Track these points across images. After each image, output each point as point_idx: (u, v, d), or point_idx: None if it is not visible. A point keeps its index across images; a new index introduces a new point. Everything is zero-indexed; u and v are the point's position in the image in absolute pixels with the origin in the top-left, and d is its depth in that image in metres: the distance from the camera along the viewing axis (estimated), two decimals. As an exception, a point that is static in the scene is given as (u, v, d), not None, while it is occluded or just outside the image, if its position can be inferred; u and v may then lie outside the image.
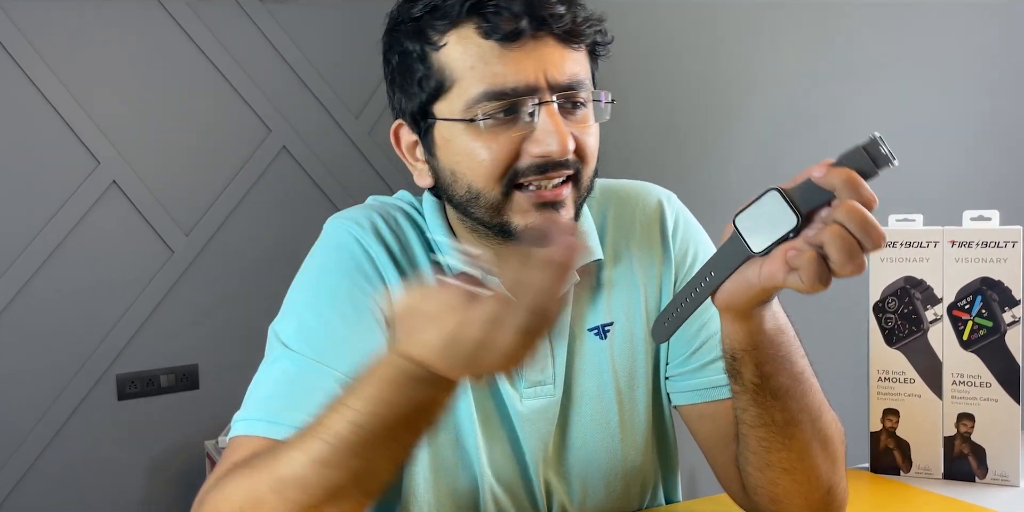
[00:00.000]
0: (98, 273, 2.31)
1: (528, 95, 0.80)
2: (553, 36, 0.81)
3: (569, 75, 0.82)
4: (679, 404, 0.98)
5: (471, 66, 0.81)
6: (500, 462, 0.92)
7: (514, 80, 0.80)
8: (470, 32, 0.81)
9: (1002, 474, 1.10)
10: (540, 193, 0.83)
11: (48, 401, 2.27)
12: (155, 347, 2.39)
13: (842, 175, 0.62)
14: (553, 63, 0.81)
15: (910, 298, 1.13)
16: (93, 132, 2.29)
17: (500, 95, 0.80)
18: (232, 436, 0.82)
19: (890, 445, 1.15)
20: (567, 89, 0.82)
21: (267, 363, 0.86)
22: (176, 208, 2.41)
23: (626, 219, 0.99)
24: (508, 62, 0.80)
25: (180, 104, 2.40)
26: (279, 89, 2.52)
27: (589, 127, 0.85)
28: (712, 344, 0.96)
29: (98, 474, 2.34)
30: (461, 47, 0.81)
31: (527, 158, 0.81)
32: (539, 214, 0.83)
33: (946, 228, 1.12)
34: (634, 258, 0.98)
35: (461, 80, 0.81)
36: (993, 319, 1.09)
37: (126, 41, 2.33)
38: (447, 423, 0.90)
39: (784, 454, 0.81)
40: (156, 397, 2.41)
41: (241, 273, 2.49)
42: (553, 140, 0.80)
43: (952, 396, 1.12)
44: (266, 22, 2.49)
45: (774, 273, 0.66)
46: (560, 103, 0.82)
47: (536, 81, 0.80)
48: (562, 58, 0.81)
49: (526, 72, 0.80)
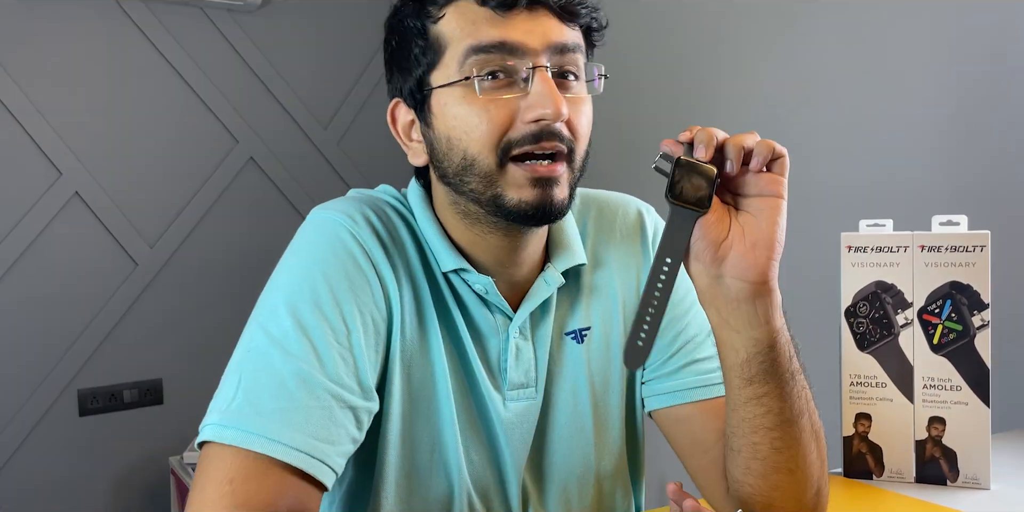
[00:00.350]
0: (59, 286, 2.27)
1: (519, 55, 0.80)
2: (549, 9, 0.82)
3: (563, 39, 0.82)
4: (655, 408, 0.98)
5: (462, 28, 0.82)
6: (479, 467, 0.91)
7: (501, 35, 0.80)
8: (467, 3, 0.82)
9: (973, 477, 1.11)
10: (535, 167, 0.82)
11: (7, 417, 2.21)
12: (118, 361, 2.35)
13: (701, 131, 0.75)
14: (548, 28, 0.82)
15: (881, 303, 1.14)
16: (55, 142, 2.25)
17: (488, 48, 0.80)
18: (214, 440, 0.75)
19: (863, 449, 1.15)
20: (562, 51, 0.82)
21: (257, 362, 0.78)
22: (140, 220, 2.37)
23: (606, 226, 1.00)
24: (498, 23, 0.81)
25: (145, 114, 2.37)
26: (246, 99, 2.50)
27: (581, 104, 0.85)
28: (689, 349, 0.96)
29: (60, 492, 2.28)
30: (457, 15, 0.82)
31: (521, 126, 0.81)
32: (533, 190, 0.82)
33: (916, 233, 1.13)
34: (613, 264, 0.98)
35: (453, 42, 0.82)
36: (963, 323, 1.10)
37: (90, 51, 2.30)
38: (426, 427, 0.89)
39: (792, 452, 0.81)
40: (119, 412, 2.36)
41: (206, 286, 2.46)
42: (548, 102, 0.79)
43: (923, 400, 1.13)
44: (233, 32, 2.48)
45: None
46: (555, 71, 0.82)
47: (527, 41, 0.81)
48: (558, 28, 0.82)
49: (516, 32, 0.81)
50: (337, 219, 0.86)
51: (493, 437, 0.92)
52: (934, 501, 1.07)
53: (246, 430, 0.75)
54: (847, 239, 1.15)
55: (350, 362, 0.80)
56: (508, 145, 0.82)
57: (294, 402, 0.76)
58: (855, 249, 1.15)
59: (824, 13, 1.69)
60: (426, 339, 0.88)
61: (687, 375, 0.95)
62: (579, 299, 0.96)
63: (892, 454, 1.14)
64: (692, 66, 1.98)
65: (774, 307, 0.79)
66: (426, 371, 0.88)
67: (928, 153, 1.54)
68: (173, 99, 2.41)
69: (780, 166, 0.77)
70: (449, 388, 0.88)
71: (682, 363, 0.95)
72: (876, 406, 1.15)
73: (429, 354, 0.88)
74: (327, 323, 0.80)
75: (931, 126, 1.54)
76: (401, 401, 0.87)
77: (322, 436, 0.76)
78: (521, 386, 0.92)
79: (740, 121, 1.87)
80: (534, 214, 0.83)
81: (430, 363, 0.88)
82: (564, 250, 0.94)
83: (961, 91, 1.50)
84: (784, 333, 0.80)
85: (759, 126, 1.80)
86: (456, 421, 0.89)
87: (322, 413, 0.77)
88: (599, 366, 0.96)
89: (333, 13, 2.63)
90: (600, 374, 0.96)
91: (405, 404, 0.87)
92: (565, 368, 0.95)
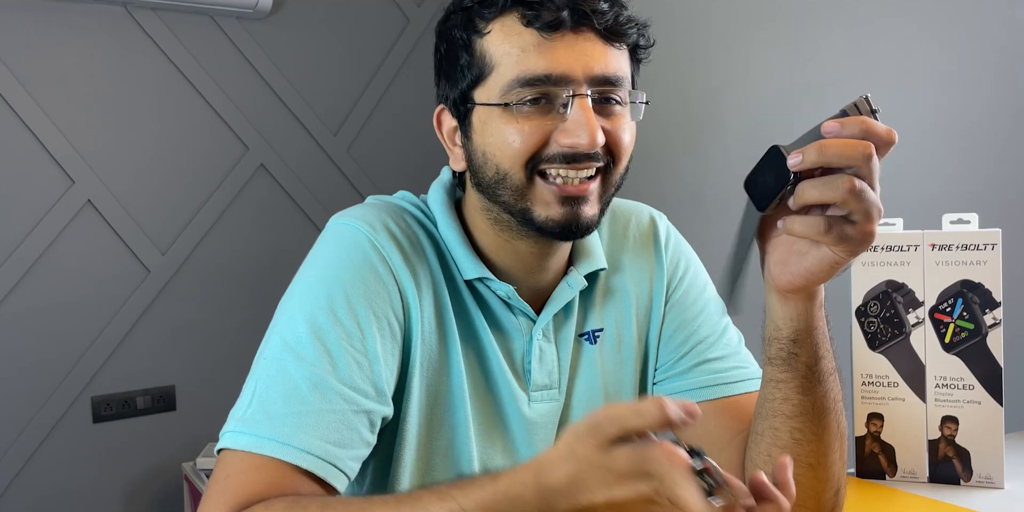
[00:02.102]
0: (72, 293, 2.28)
1: (562, 85, 0.80)
2: (595, 31, 0.82)
3: (607, 70, 0.82)
4: None
5: (509, 53, 0.82)
6: (493, 467, 0.91)
7: (547, 67, 0.80)
8: (513, 21, 0.82)
9: (987, 476, 1.10)
10: (564, 187, 0.82)
11: (21, 425, 2.23)
12: (131, 368, 2.36)
13: (856, 122, 0.68)
14: (592, 56, 0.81)
15: (892, 302, 1.14)
16: (67, 151, 2.27)
17: (533, 81, 0.81)
18: (231, 447, 0.76)
19: (875, 449, 1.15)
20: (603, 83, 0.82)
21: (272, 369, 0.80)
22: (152, 227, 2.39)
23: (620, 231, 1.01)
24: (545, 51, 0.81)
25: (156, 122, 2.39)
26: (256, 106, 2.52)
27: (624, 124, 0.85)
28: (701, 349, 0.96)
29: (74, 499, 2.29)
30: (503, 35, 0.83)
31: (555, 146, 0.82)
32: (561, 208, 0.83)
33: (926, 232, 1.12)
34: (627, 268, 0.99)
35: (499, 66, 0.83)
36: (974, 321, 1.10)
37: (101, 59, 2.31)
38: (442, 431, 0.89)
39: (814, 446, 0.81)
40: (132, 419, 2.37)
41: (218, 293, 2.47)
42: (584, 132, 0.80)
43: (935, 399, 1.12)
44: (243, 40, 2.49)
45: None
46: (595, 98, 0.82)
47: (571, 71, 0.80)
48: (601, 53, 0.82)
49: (561, 61, 0.80)
50: (356, 226, 0.87)
51: (513, 439, 0.92)
52: (948, 501, 1.07)
53: (258, 435, 0.76)
54: (857, 238, 1.15)
55: (365, 366, 0.80)
56: (539, 160, 0.82)
57: (306, 406, 0.77)
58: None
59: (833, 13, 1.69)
60: (445, 345, 0.89)
61: (699, 374, 0.95)
62: (593, 302, 0.97)
63: (905, 454, 1.14)
64: (701, 67, 1.98)
65: (805, 309, 0.77)
66: (444, 377, 0.89)
67: (938, 151, 1.54)
68: (183, 107, 2.42)
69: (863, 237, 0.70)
70: (466, 394, 0.89)
71: (694, 362, 0.96)
72: (888, 406, 1.14)
73: (448, 360, 0.89)
74: (342, 328, 0.80)
75: (941, 124, 1.53)
76: (419, 406, 0.87)
77: (334, 440, 0.77)
78: (545, 387, 0.93)
79: (749, 121, 1.87)
80: (560, 231, 0.84)
81: (448, 368, 0.89)
82: (587, 255, 0.95)
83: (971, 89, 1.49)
84: (815, 334, 0.78)
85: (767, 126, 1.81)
86: (472, 425, 0.89)
87: (335, 417, 0.77)
88: (611, 367, 0.97)
89: (343, 20, 2.65)
90: (613, 374, 0.97)
91: (423, 409, 0.88)
92: (581, 369, 0.96)
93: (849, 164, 0.67)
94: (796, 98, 1.78)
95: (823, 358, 0.79)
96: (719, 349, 0.96)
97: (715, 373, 0.95)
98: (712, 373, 0.95)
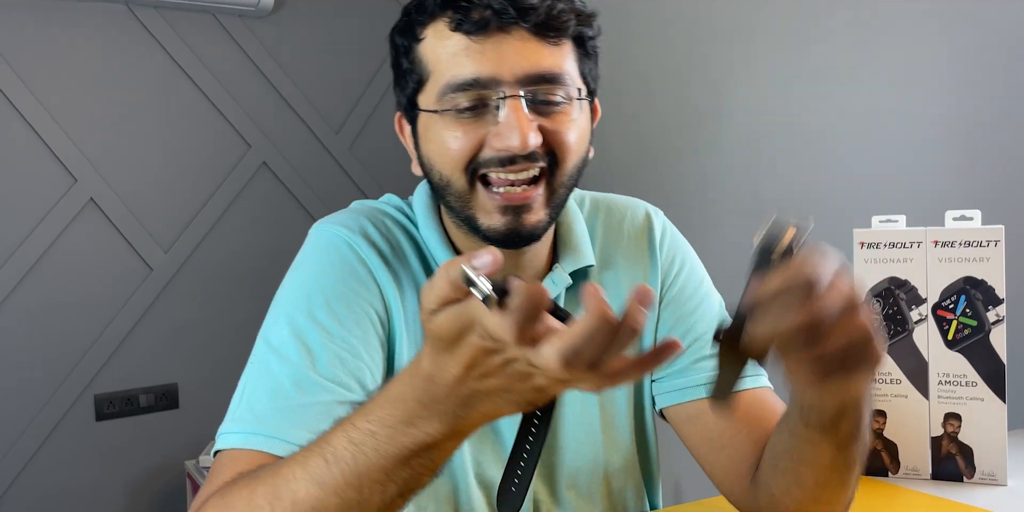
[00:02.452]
0: (75, 291, 2.29)
1: (492, 87, 0.80)
2: (526, 29, 0.80)
3: (538, 68, 0.80)
4: (665, 405, 0.98)
5: (440, 59, 0.82)
6: (485, 463, 0.91)
7: (475, 71, 0.80)
8: (443, 26, 0.82)
9: (990, 473, 1.10)
10: (507, 195, 0.82)
11: (24, 423, 2.23)
12: (134, 366, 2.36)
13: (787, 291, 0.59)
14: (521, 56, 0.80)
15: (894, 299, 1.13)
16: (70, 149, 2.27)
17: (463, 86, 0.80)
18: (223, 448, 0.78)
19: (878, 447, 1.15)
20: (538, 82, 0.81)
21: (257, 371, 0.81)
22: (154, 225, 2.39)
23: (614, 227, 1.01)
24: (473, 54, 0.80)
25: (158, 120, 2.39)
26: (258, 105, 2.52)
27: (568, 123, 0.83)
28: (697, 346, 0.96)
29: (76, 497, 2.29)
30: (435, 40, 0.83)
31: (489, 150, 0.81)
32: (503, 217, 0.82)
33: (929, 229, 1.12)
34: (621, 265, 0.98)
35: (434, 73, 0.83)
36: (977, 318, 1.10)
37: (103, 58, 2.31)
38: None
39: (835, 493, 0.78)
40: (135, 417, 2.38)
41: (221, 290, 2.47)
42: (514, 134, 0.79)
43: (938, 396, 1.12)
44: (245, 38, 2.49)
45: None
46: (530, 98, 0.81)
47: (498, 73, 0.79)
48: (533, 52, 0.80)
49: (488, 64, 0.80)
50: (335, 231, 0.89)
51: (499, 434, 0.92)
52: (950, 498, 1.07)
53: (246, 432, 0.77)
54: (860, 235, 1.15)
55: (348, 361, 0.81)
56: (476, 166, 0.82)
57: (290, 401, 0.78)
58: (868, 245, 1.14)
59: (836, 10, 1.69)
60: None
61: (696, 372, 0.95)
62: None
63: (907, 451, 1.13)
64: (704, 63, 1.98)
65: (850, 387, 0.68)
66: None
67: (941, 148, 1.54)
68: (186, 105, 2.42)
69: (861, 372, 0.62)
70: None
71: (691, 360, 0.95)
72: (891, 403, 1.14)
73: None
74: (321, 327, 0.82)
75: (944, 121, 1.53)
76: None
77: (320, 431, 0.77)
78: None
79: (752, 118, 1.87)
80: (503, 240, 0.83)
81: None
82: (572, 251, 0.94)
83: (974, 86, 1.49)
84: (861, 405, 0.70)
85: (772, 124, 1.81)
86: None
87: (319, 409, 0.78)
88: None
89: (344, 18, 2.65)
90: None
91: None
92: None
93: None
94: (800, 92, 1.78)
95: (864, 417, 0.72)
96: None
97: (712, 371, 0.94)
98: (709, 371, 0.95)
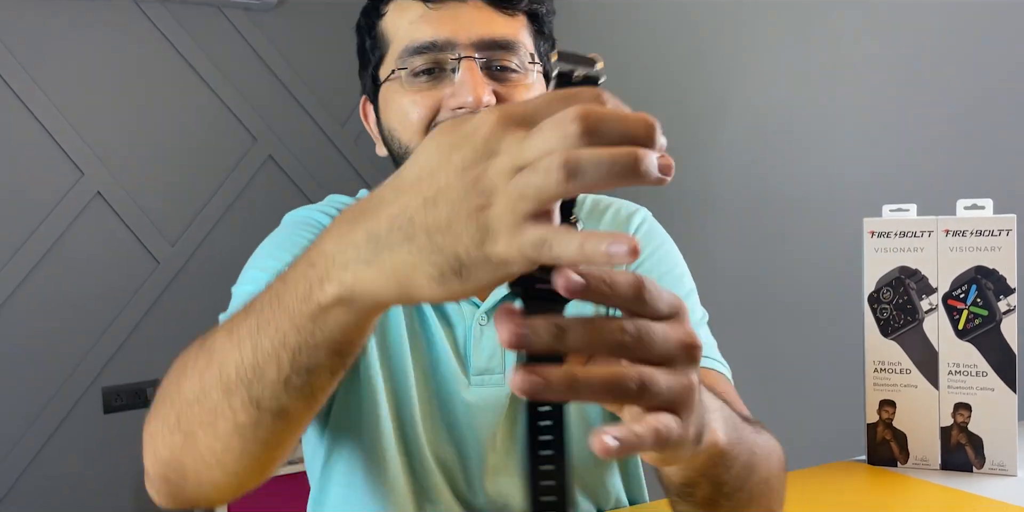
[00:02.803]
0: (83, 285, 2.29)
1: (448, 50, 0.83)
2: (482, 0, 0.85)
3: (492, 34, 0.84)
4: None
5: (400, 26, 0.86)
6: (441, 446, 0.92)
7: (432, 34, 0.83)
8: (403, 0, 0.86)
9: (1000, 463, 1.10)
10: None
11: (32, 416, 2.23)
12: (141, 359, 2.37)
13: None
14: (477, 22, 0.84)
15: (905, 288, 1.13)
16: (77, 143, 2.27)
17: (420, 49, 0.84)
18: None
19: (887, 436, 1.14)
20: (492, 47, 0.84)
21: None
22: (161, 218, 2.39)
23: (595, 218, 1.03)
24: (431, 20, 0.84)
25: (165, 114, 2.39)
26: (264, 98, 2.52)
27: (522, 88, 0.85)
28: None
29: (84, 490, 2.30)
30: (397, 13, 0.87)
31: (445, 111, 0.84)
32: None
33: (940, 218, 1.12)
34: None
35: (393, 41, 0.87)
36: (988, 308, 1.09)
37: (110, 52, 2.31)
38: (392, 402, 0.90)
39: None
40: (143, 410, 2.37)
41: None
42: (466, 90, 0.81)
43: (948, 386, 1.12)
44: (250, 31, 2.49)
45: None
46: (484, 63, 0.84)
47: (454, 36, 0.83)
48: (488, 19, 0.84)
49: (445, 28, 0.83)
50: (297, 210, 0.98)
51: (458, 423, 0.92)
52: (960, 488, 1.06)
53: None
54: (870, 224, 1.14)
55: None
56: (434, 127, 0.84)
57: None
58: (878, 234, 1.14)
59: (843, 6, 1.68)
60: (388, 327, 0.90)
61: None
62: None
63: (917, 441, 1.13)
64: (710, 51, 1.97)
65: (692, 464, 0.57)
66: (388, 356, 0.90)
67: (952, 136, 1.53)
68: (192, 98, 2.42)
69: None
70: (411, 376, 0.90)
71: None
72: (900, 393, 1.14)
73: (390, 336, 0.90)
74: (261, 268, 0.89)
75: (955, 109, 1.52)
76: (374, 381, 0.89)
77: None
78: (486, 371, 0.92)
79: (761, 107, 1.86)
80: None
81: (394, 349, 0.90)
82: None
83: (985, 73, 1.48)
84: (714, 470, 0.58)
85: (780, 111, 1.80)
86: (417, 401, 0.90)
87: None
88: None
89: (349, 11, 2.64)
90: None
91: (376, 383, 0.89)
92: None
93: None
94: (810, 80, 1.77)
95: (729, 480, 0.61)
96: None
97: None
98: None
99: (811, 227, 1.75)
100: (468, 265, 0.39)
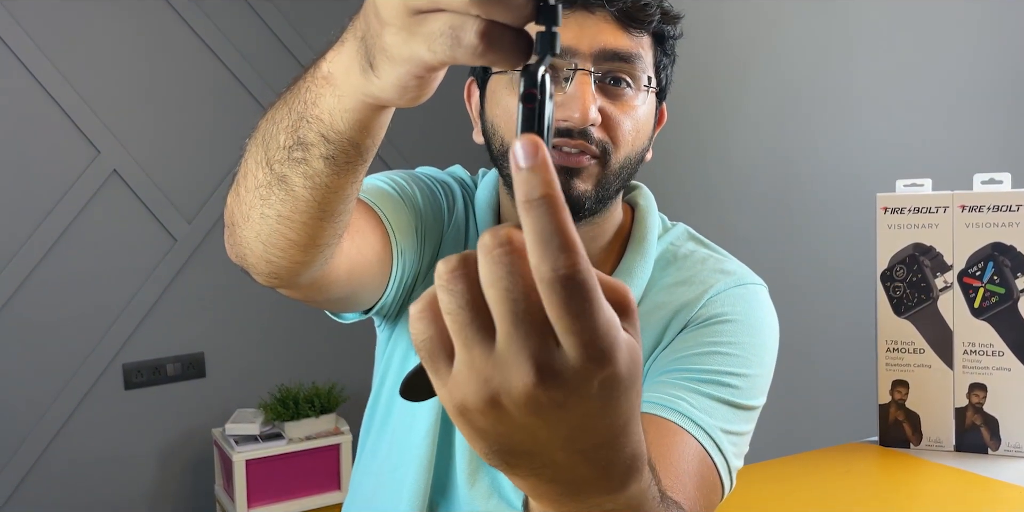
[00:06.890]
0: (101, 263, 2.30)
1: (566, 57, 0.80)
2: (610, 13, 0.81)
3: (614, 46, 0.80)
4: None
5: None
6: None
7: None
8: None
9: (1016, 445, 1.07)
10: (559, 156, 0.80)
11: (54, 393, 2.26)
12: (161, 336, 2.38)
13: None
14: (601, 31, 0.80)
15: (919, 266, 1.10)
16: (93, 121, 2.27)
17: None
18: None
19: (899, 417, 1.12)
20: (612, 59, 0.80)
21: None
22: (178, 196, 2.39)
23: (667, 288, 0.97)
24: None
25: (180, 92, 2.38)
26: (280, 75, 2.50)
27: (630, 110, 0.82)
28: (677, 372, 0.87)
29: (106, 465, 2.33)
30: None
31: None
32: None
33: (956, 192, 1.08)
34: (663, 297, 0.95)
35: None
36: (1006, 285, 1.06)
37: (126, 31, 2.31)
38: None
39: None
40: (163, 386, 2.40)
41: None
42: (576, 106, 0.78)
43: (963, 366, 1.09)
44: (267, 9, 2.47)
45: None
46: (599, 76, 0.81)
47: (576, 44, 0.80)
48: (612, 33, 0.81)
49: (568, 35, 0.80)
50: (454, 167, 0.98)
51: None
52: (974, 470, 1.04)
53: None
54: (883, 200, 1.11)
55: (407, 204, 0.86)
56: None
57: None
58: (892, 210, 1.11)
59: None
60: None
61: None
62: None
63: (930, 422, 1.11)
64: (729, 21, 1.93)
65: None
66: None
67: (969, 109, 1.48)
68: (208, 77, 2.42)
69: None
70: None
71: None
72: (914, 373, 1.11)
73: None
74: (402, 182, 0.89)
75: (971, 81, 1.47)
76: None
77: None
78: None
79: (776, 81, 1.82)
80: None
81: None
82: (627, 275, 0.88)
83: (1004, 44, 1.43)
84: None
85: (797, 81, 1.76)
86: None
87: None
88: None
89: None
90: None
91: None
92: None
93: None
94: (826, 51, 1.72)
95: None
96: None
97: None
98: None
99: (823, 202, 1.71)
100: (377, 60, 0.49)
